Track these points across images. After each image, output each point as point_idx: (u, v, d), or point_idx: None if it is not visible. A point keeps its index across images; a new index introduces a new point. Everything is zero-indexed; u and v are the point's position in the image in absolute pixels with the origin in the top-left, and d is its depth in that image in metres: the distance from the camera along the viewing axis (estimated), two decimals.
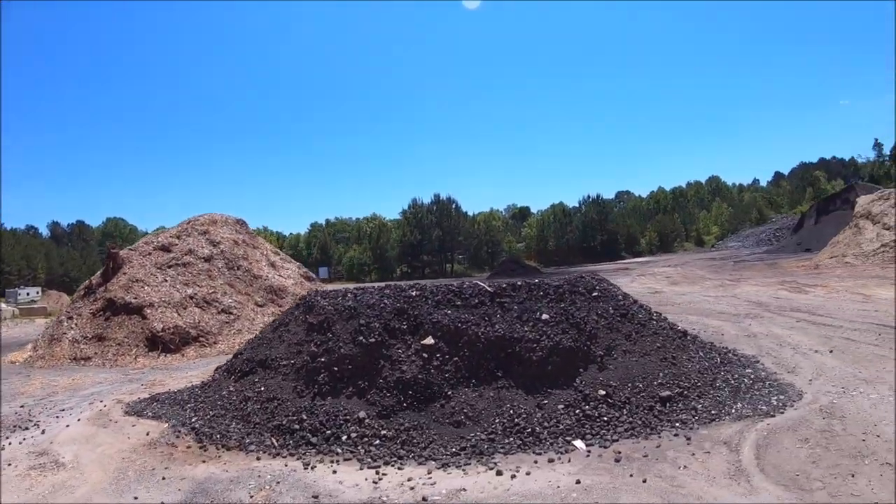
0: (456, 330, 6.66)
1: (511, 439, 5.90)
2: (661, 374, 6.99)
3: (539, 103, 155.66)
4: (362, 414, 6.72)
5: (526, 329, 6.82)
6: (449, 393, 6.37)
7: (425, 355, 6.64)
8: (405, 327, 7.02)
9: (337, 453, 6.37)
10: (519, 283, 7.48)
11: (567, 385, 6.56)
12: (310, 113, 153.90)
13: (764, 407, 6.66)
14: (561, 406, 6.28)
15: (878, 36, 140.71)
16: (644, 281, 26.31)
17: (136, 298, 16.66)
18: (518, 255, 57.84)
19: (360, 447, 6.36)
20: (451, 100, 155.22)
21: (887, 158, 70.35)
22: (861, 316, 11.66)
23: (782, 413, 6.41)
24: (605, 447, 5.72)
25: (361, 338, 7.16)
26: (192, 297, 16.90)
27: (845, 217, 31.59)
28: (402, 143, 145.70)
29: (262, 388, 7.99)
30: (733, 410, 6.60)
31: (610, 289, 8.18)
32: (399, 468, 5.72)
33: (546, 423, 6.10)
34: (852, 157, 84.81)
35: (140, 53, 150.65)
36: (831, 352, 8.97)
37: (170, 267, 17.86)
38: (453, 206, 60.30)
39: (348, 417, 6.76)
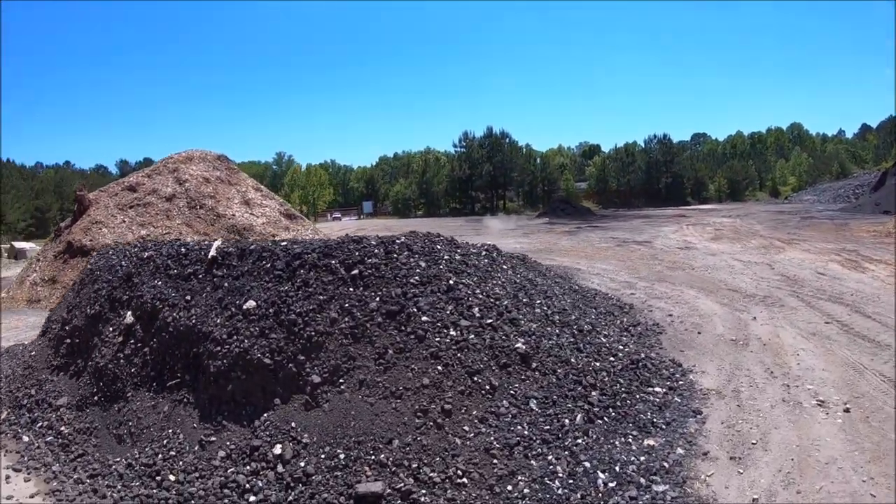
0: (153, 310, 5.22)
1: (136, 484, 4.24)
2: (395, 443, 4.06)
3: (622, 39, 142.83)
4: (63, 401, 5.67)
5: (219, 321, 4.81)
6: (129, 394, 5.05)
7: (121, 339, 5.30)
8: (125, 298, 5.70)
9: (23, 441, 5.42)
10: (253, 247, 5.54)
11: (249, 420, 4.39)
12: (395, 42, 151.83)
13: None
14: (222, 453, 4.24)
15: None
16: (687, 232, 23.11)
17: (91, 241, 16.63)
18: (574, 195, 54.30)
19: (40, 439, 5.35)
20: (533, 39, 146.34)
21: None
22: None
23: None
24: None
25: (88, 307, 5.97)
26: (144, 239, 16.61)
27: None
28: (483, 77, 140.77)
29: (33, 353, 7.17)
30: None
31: (407, 263, 5.40)
32: (26, 480, 4.62)
33: (183, 478, 4.16)
34: None
35: None
36: (847, 410, 4.96)
37: (130, 207, 17.64)
38: (506, 140, 55.79)
39: (51, 402, 5.71)
